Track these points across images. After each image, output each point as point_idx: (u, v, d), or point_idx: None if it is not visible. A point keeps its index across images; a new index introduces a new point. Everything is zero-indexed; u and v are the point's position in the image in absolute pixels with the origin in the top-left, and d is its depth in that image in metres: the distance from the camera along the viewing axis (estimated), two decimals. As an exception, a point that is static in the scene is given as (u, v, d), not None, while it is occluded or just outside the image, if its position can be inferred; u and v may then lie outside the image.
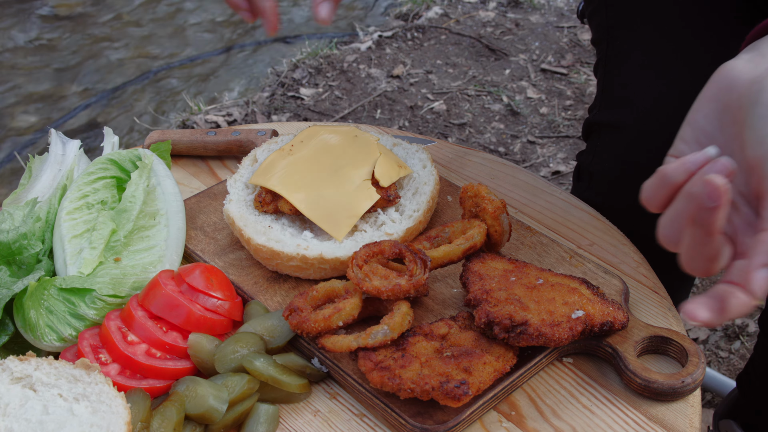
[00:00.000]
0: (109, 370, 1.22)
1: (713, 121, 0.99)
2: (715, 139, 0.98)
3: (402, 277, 1.26)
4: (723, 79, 0.99)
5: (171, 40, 4.53)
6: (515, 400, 1.21)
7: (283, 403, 1.23)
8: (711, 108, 0.99)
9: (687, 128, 1.01)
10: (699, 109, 1.00)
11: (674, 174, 0.93)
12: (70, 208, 1.42)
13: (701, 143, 0.99)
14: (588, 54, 3.98)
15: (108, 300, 1.30)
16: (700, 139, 0.99)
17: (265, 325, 1.28)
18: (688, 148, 1.00)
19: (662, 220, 0.95)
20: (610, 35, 1.66)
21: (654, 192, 0.96)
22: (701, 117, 1.00)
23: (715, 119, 0.98)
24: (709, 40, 1.53)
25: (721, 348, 2.60)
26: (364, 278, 1.24)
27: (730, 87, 0.97)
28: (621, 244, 1.47)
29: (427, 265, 1.27)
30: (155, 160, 1.53)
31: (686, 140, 1.01)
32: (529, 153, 3.44)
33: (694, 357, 1.20)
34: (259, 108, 3.79)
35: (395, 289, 1.24)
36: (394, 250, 1.30)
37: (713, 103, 0.99)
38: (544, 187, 1.62)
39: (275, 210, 1.46)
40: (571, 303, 1.21)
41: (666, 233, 0.95)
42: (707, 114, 0.99)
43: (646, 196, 0.97)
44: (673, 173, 0.93)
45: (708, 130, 0.99)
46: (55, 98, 4.12)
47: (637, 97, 1.58)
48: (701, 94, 1.01)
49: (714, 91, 0.99)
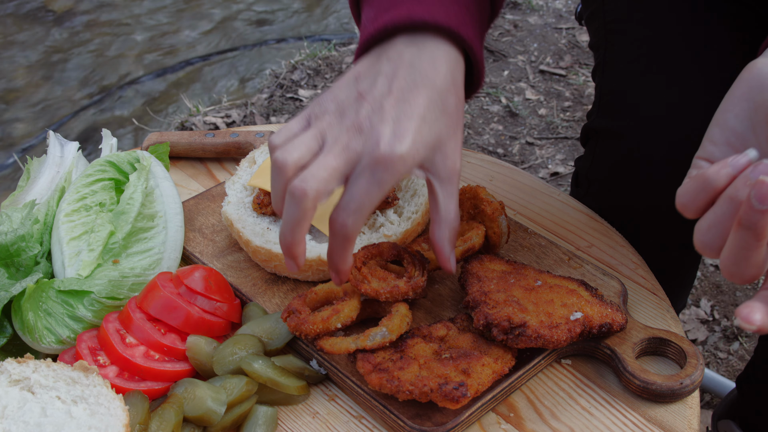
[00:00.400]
0: (108, 372, 1.21)
1: (744, 122, 0.95)
2: (748, 139, 0.95)
3: (401, 279, 1.26)
4: (754, 78, 0.95)
5: (170, 42, 4.53)
6: (514, 401, 1.21)
7: (281, 405, 1.23)
8: (742, 108, 0.95)
9: (716, 129, 0.97)
10: (729, 109, 0.97)
11: (715, 177, 0.90)
12: (69, 210, 1.42)
13: (732, 144, 0.96)
14: (586, 55, 3.98)
15: (106, 302, 1.30)
16: (731, 140, 0.96)
17: (263, 327, 1.28)
18: (718, 150, 0.97)
19: (700, 226, 0.91)
20: (608, 40, 1.65)
21: (693, 197, 0.92)
22: (732, 117, 0.96)
23: (746, 119, 0.95)
24: (707, 47, 1.53)
25: (720, 349, 2.60)
26: (362, 280, 1.24)
27: (761, 86, 0.94)
28: (619, 246, 1.47)
29: (425, 267, 1.27)
30: (153, 162, 1.53)
31: (715, 142, 0.97)
32: (527, 154, 3.44)
33: (693, 358, 1.20)
34: (258, 109, 3.79)
35: (393, 291, 1.23)
36: (392, 252, 1.30)
37: (744, 103, 0.95)
38: (542, 188, 1.62)
39: (274, 212, 1.46)
40: (570, 305, 1.21)
41: (705, 239, 0.91)
42: (738, 114, 0.95)
43: (683, 202, 0.93)
44: (715, 177, 0.90)
45: (739, 130, 0.95)
46: (54, 100, 4.12)
47: (635, 104, 1.56)
48: (730, 94, 0.97)
49: (745, 90, 0.96)
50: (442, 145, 1.14)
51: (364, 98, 1.11)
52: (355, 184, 1.08)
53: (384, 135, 1.07)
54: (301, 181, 1.07)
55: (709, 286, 2.80)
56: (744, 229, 0.85)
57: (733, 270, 0.89)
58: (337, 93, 1.14)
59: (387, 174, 1.07)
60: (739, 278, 0.89)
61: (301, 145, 1.10)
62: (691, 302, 2.74)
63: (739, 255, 0.87)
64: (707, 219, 0.91)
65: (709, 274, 2.84)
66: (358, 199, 1.08)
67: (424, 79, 1.11)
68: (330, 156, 1.08)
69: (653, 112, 1.53)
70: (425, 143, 1.11)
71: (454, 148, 1.17)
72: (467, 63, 1.20)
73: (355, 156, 1.08)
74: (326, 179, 1.08)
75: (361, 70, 1.15)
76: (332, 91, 1.15)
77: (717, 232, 0.90)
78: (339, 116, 1.11)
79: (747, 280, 0.89)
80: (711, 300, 2.74)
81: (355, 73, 1.15)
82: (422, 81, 1.11)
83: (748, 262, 0.87)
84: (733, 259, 0.88)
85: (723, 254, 0.89)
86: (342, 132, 1.09)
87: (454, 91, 1.15)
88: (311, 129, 1.12)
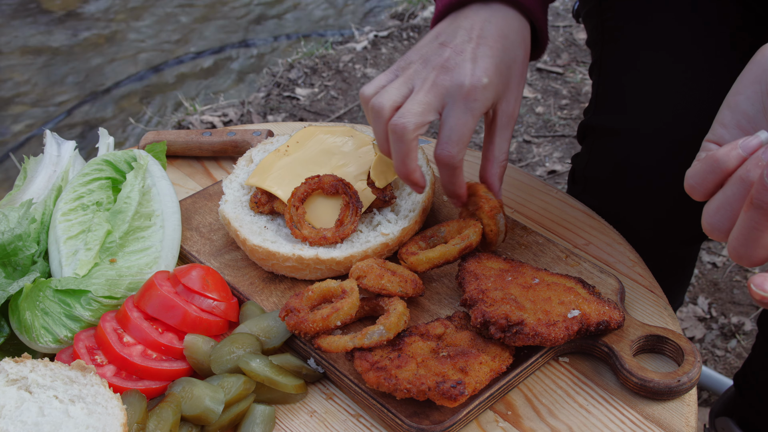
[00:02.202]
0: (105, 372, 1.21)
1: (756, 104, 0.94)
2: (758, 122, 0.95)
3: (329, 229, 1.37)
4: (766, 61, 0.95)
5: (167, 40, 4.52)
6: (512, 399, 1.21)
7: (279, 403, 1.23)
8: (754, 90, 0.95)
9: (726, 111, 0.97)
10: (741, 92, 0.96)
11: (726, 159, 0.89)
12: (66, 210, 1.42)
13: (743, 127, 0.95)
14: (584, 53, 3.98)
15: (103, 301, 1.30)
16: (742, 122, 0.96)
17: (261, 326, 1.28)
18: (728, 133, 0.96)
19: (709, 208, 0.91)
20: (605, 38, 1.65)
21: (702, 178, 0.92)
22: (743, 99, 0.95)
23: (758, 102, 0.94)
24: (705, 43, 1.53)
25: (718, 346, 2.61)
26: (297, 221, 1.36)
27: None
28: (617, 244, 1.47)
29: (358, 213, 1.37)
30: (150, 161, 1.52)
31: (725, 124, 0.97)
32: (525, 152, 3.44)
33: (690, 356, 1.20)
34: (255, 108, 3.79)
35: (321, 240, 1.35)
36: (333, 185, 1.40)
37: (757, 85, 0.95)
38: (539, 186, 1.62)
39: (271, 211, 1.46)
40: (567, 302, 1.21)
41: (713, 221, 0.91)
42: (750, 96, 0.95)
43: (692, 183, 0.93)
44: (725, 158, 0.89)
45: (750, 113, 0.95)
46: (50, 99, 4.11)
47: (632, 101, 1.57)
48: (742, 76, 0.97)
49: (757, 73, 0.95)
50: (509, 90, 1.30)
51: (447, 45, 1.27)
52: (451, 116, 1.24)
53: (469, 70, 1.23)
54: (400, 117, 1.23)
55: (707, 283, 2.80)
56: (755, 208, 0.84)
57: (742, 252, 0.88)
58: (420, 48, 1.30)
59: (477, 103, 1.23)
60: (747, 260, 0.89)
61: (393, 90, 1.26)
62: (689, 300, 2.74)
63: (749, 236, 0.86)
64: (716, 200, 0.91)
65: (707, 271, 2.84)
66: (457, 130, 1.24)
67: (498, 31, 1.27)
68: (421, 93, 1.24)
69: (650, 108, 1.53)
70: (500, 83, 1.27)
71: (517, 96, 1.32)
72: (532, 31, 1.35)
73: (445, 91, 1.24)
74: (422, 113, 1.23)
75: (440, 29, 1.31)
76: (415, 48, 1.31)
77: (726, 213, 0.89)
78: (424, 63, 1.27)
79: (756, 262, 0.89)
80: (709, 298, 2.75)
81: (435, 32, 1.31)
82: (497, 33, 1.27)
83: (757, 243, 0.87)
84: (742, 240, 0.87)
85: (732, 235, 0.88)
86: (429, 73, 1.25)
87: (523, 47, 1.31)
88: (400, 77, 1.28)
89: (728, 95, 0.98)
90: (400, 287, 1.27)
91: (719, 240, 0.92)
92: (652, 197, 1.55)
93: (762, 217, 0.84)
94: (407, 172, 1.28)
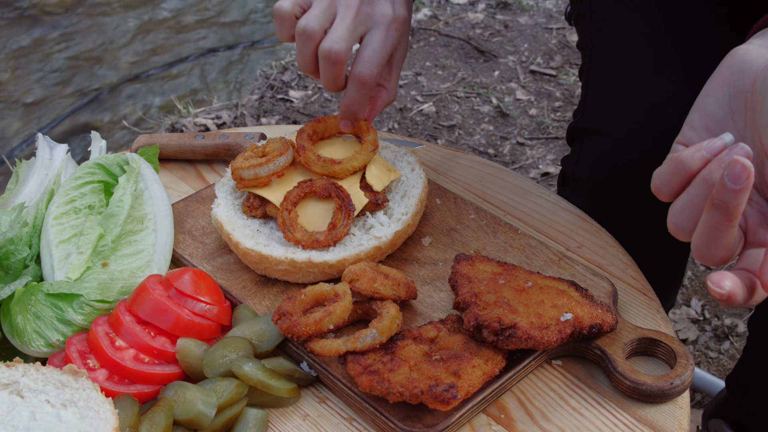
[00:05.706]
0: (97, 376, 1.21)
1: (724, 107, 0.96)
2: (726, 125, 0.96)
3: (321, 232, 1.37)
4: (735, 64, 0.96)
5: (160, 43, 4.52)
6: (504, 403, 1.21)
7: (272, 407, 1.22)
8: (722, 93, 0.96)
9: (696, 114, 0.98)
10: (709, 95, 0.97)
11: (690, 161, 0.90)
12: (58, 213, 1.42)
13: (711, 129, 0.97)
14: (577, 56, 3.99)
15: (96, 305, 1.30)
16: (710, 125, 0.97)
17: (253, 330, 1.28)
18: (697, 135, 0.97)
19: (674, 208, 0.92)
20: (594, 40, 1.66)
21: (667, 179, 0.93)
22: (711, 102, 0.97)
23: (726, 105, 0.96)
24: (690, 46, 1.53)
25: (711, 348, 2.61)
26: (290, 225, 1.37)
27: (742, 72, 0.95)
28: (609, 246, 1.48)
29: (350, 217, 1.38)
30: (143, 164, 1.52)
31: (694, 126, 0.98)
32: (518, 154, 3.44)
33: (683, 358, 1.20)
34: (248, 111, 3.78)
35: (313, 243, 1.36)
36: (325, 188, 1.41)
37: (725, 88, 0.96)
38: (532, 189, 1.62)
39: (263, 214, 1.46)
40: (560, 306, 1.21)
41: (678, 221, 0.92)
42: (718, 99, 0.96)
43: (658, 184, 0.94)
44: (689, 160, 0.91)
45: (718, 116, 0.96)
46: (42, 102, 4.10)
47: (619, 103, 1.57)
48: (711, 79, 0.98)
49: (726, 76, 0.96)
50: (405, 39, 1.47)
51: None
52: (374, 39, 1.37)
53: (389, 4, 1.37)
54: (333, 42, 1.33)
55: (700, 285, 2.81)
56: (716, 209, 0.86)
57: (704, 251, 0.89)
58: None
59: (397, 33, 1.39)
60: (710, 260, 0.90)
61: (320, 14, 1.35)
62: (682, 302, 2.75)
63: (710, 236, 0.88)
64: (681, 201, 0.92)
65: (700, 273, 2.85)
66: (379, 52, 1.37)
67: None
68: (347, 19, 1.34)
69: (638, 110, 1.53)
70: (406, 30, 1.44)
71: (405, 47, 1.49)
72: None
73: (368, 18, 1.36)
74: (349, 38, 1.34)
75: None
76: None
77: (690, 213, 0.91)
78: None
79: (718, 261, 0.90)
80: (702, 300, 2.75)
81: None
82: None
83: (718, 242, 0.88)
84: (704, 240, 0.89)
85: (695, 235, 0.90)
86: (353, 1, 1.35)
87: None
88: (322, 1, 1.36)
89: (698, 98, 0.99)
90: (393, 290, 1.27)
91: (684, 240, 0.94)
92: (640, 198, 1.55)
93: (722, 217, 0.86)
94: (337, 89, 1.39)
